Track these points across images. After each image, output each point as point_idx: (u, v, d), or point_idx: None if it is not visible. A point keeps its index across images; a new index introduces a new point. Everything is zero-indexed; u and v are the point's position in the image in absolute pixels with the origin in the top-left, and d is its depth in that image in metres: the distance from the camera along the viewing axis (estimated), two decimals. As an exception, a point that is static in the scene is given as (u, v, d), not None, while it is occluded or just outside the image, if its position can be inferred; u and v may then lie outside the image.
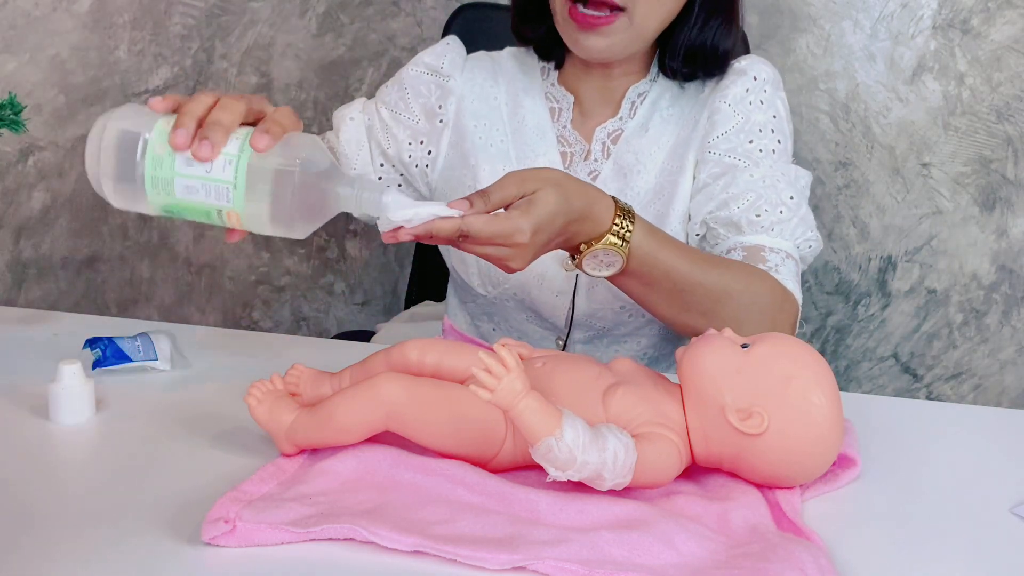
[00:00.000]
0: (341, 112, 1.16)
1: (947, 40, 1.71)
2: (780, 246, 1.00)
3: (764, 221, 1.00)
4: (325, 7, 1.90)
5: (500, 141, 1.10)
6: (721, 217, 1.02)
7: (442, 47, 1.14)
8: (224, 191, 0.71)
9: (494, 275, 1.08)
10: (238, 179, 0.71)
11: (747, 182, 1.02)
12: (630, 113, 1.09)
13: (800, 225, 1.02)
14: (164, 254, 2.08)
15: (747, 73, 1.06)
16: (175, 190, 0.72)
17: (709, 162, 1.04)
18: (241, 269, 2.07)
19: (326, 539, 0.61)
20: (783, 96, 1.08)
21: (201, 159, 0.70)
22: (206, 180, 0.71)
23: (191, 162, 0.71)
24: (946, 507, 0.71)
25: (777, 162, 1.04)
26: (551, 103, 1.12)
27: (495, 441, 0.69)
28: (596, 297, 1.07)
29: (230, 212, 0.72)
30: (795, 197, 1.02)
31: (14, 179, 2.01)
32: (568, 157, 1.09)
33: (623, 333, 1.11)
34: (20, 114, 0.77)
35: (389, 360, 0.75)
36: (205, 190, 0.71)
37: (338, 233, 2.02)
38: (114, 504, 0.66)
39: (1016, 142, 1.74)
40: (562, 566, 0.58)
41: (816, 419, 0.68)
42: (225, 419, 0.80)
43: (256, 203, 0.72)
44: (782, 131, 1.06)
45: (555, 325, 1.11)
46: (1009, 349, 1.84)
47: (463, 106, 1.12)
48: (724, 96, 1.06)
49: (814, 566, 0.58)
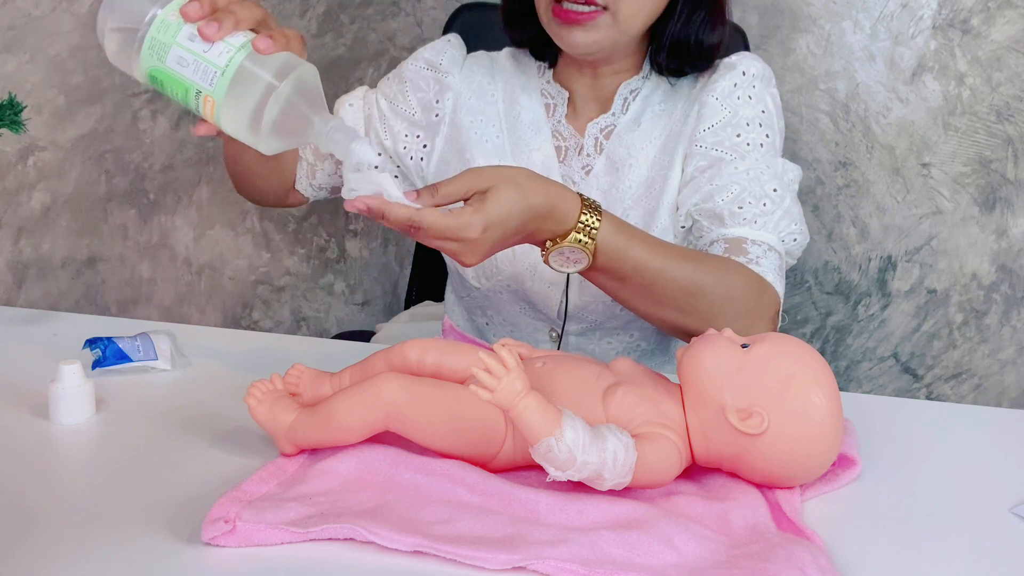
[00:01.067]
0: (342, 99, 1.17)
1: (947, 40, 1.71)
2: (762, 238, 1.00)
3: (747, 213, 1.00)
4: (325, 7, 1.90)
5: (496, 137, 1.12)
6: (705, 209, 1.02)
7: (443, 44, 1.16)
8: (211, 74, 0.73)
9: (488, 267, 1.09)
10: (228, 68, 0.72)
11: (731, 174, 1.02)
12: (623, 109, 1.11)
13: (784, 218, 1.01)
14: (164, 254, 2.08)
15: (736, 68, 1.07)
16: (167, 57, 0.74)
17: (696, 155, 1.05)
18: (241, 269, 2.07)
19: (326, 539, 0.61)
20: (774, 92, 1.08)
21: (205, 37, 0.73)
22: (199, 58, 0.73)
23: (194, 37, 0.73)
24: (946, 507, 0.71)
25: (764, 156, 1.04)
26: (546, 99, 1.13)
27: (495, 441, 0.69)
28: (587, 290, 1.07)
29: (208, 96, 0.74)
30: (779, 190, 1.02)
31: (14, 179, 2.01)
32: (563, 151, 1.11)
33: (615, 326, 1.11)
34: (20, 114, 0.77)
35: (389, 360, 0.75)
36: (195, 66, 0.73)
37: (338, 233, 2.02)
38: (114, 504, 0.66)
39: (1016, 142, 1.74)
40: (562, 566, 0.58)
41: (816, 419, 0.68)
42: (225, 419, 0.80)
43: (235, 97, 0.73)
44: (771, 126, 1.06)
45: (549, 317, 1.12)
46: (1009, 349, 1.84)
47: (460, 102, 1.13)
48: (713, 90, 1.06)
49: (814, 566, 0.58)
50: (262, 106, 0.72)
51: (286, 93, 0.73)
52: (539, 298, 1.10)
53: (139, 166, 2.04)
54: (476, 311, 1.18)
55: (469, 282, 1.13)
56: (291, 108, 0.73)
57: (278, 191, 1.18)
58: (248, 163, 1.09)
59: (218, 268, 2.08)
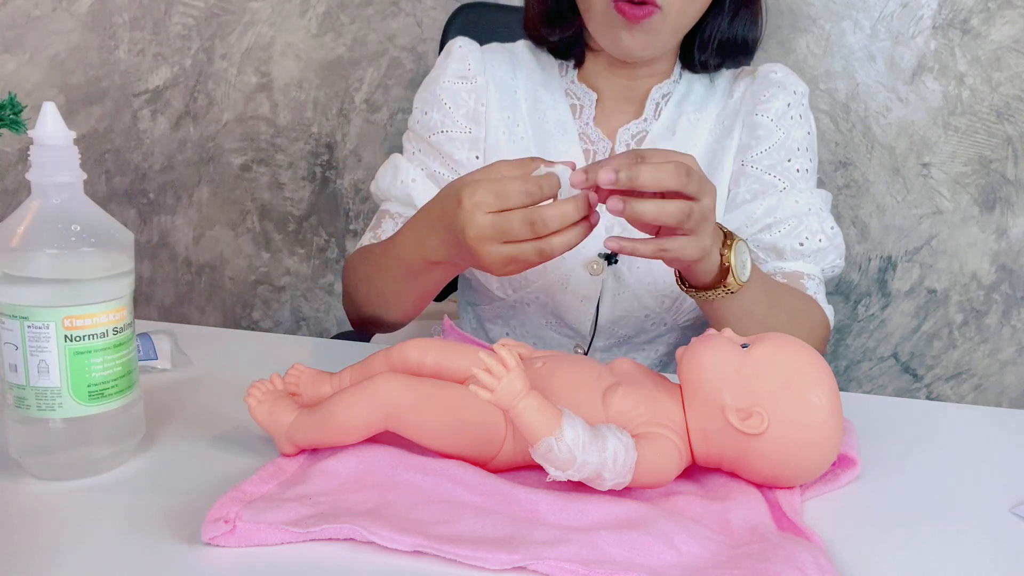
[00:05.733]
0: (393, 181, 1.09)
1: (947, 40, 1.71)
2: (815, 272, 1.05)
3: (806, 250, 1.04)
4: (325, 7, 1.90)
5: (521, 138, 1.09)
6: (764, 241, 1.04)
7: (458, 52, 1.11)
8: None
9: (516, 278, 1.06)
10: None
11: (790, 207, 1.04)
12: (655, 114, 1.09)
13: (832, 251, 1.05)
14: (164, 254, 2.08)
15: (786, 87, 1.08)
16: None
17: (749, 176, 1.05)
18: (241, 269, 2.07)
19: (326, 539, 0.61)
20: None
21: None
22: None
23: None
24: (946, 507, 0.71)
25: (810, 183, 1.07)
26: (572, 99, 1.10)
27: (495, 441, 0.69)
28: (621, 304, 1.06)
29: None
30: (835, 227, 1.06)
31: (14, 179, 2.01)
32: (591, 155, 1.08)
33: (643, 341, 1.10)
34: (20, 114, 0.76)
35: (389, 360, 0.74)
36: None
37: (338, 233, 2.02)
38: (114, 504, 0.65)
39: (1016, 142, 1.74)
40: (562, 566, 0.58)
41: (816, 419, 0.68)
42: (225, 419, 0.80)
43: None
44: (814, 149, 1.09)
45: (578, 331, 1.09)
46: (1009, 349, 1.84)
47: (490, 98, 1.10)
48: (767, 111, 1.06)
49: (814, 566, 0.58)
50: None
51: None
52: (570, 312, 1.07)
53: (139, 166, 2.04)
54: (496, 321, 1.14)
55: (492, 292, 1.09)
56: None
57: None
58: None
59: (218, 268, 2.08)
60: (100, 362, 0.67)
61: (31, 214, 0.66)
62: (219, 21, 1.93)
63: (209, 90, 1.97)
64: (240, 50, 1.94)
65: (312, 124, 1.96)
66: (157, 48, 1.94)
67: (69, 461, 0.68)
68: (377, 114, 1.94)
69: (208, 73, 1.96)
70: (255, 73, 1.95)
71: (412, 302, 0.98)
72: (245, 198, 2.02)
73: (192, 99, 1.98)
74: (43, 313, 0.65)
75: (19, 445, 0.69)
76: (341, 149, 1.97)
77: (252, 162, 2.00)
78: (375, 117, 1.94)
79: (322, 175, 1.98)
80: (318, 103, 1.95)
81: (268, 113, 1.97)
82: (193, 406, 0.83)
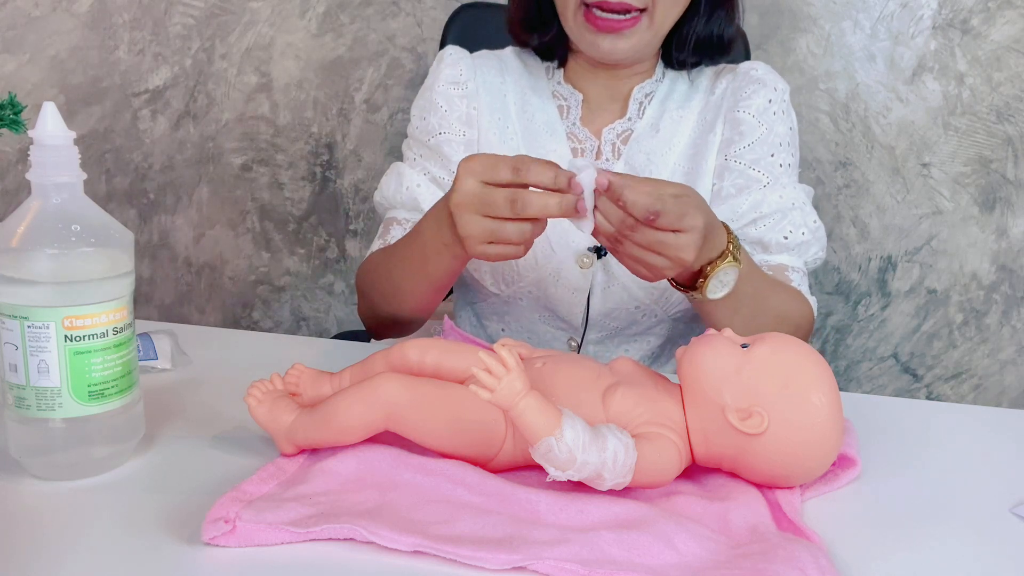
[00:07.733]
0: (398, 188, 1.11)
1: (947, 40, 1.71)
2: (798, 264, 1.08)
3: (790, 243, 1.06)
4: (325, 7, 1.90)
5: (511, 139, 1.12)
6: (750, 235, 1.07)
7: (450, 59, 1.14)
8: None
9: (508, 273, 1.09)
10: None
11: (774, 202, 1.06)
12: (639, 113, 1.11)
13: (815, 244, 1.08)
14: (164, 254, 2.08)
15: (767, 84, 1.10)
16: None
17: (733, 171, 1.08)
18: (241, 269, 2.07)
19: (326, 539, 0.61)
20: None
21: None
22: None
23: None
24: (946, 507, 0.71)
25: (792, 177, 1.10)
26: (559, 101, 1.13)
27: (495, 441, 0.69)
28: (611, 296, 1.08)
29: None
30: (817, 221, 1.08)
31: (14, 179, 2.01)
32: (579, 154, 1.11)
33: (634, 332, 1.11)
34: (20, 114, 0.76)
35: (389, 360, 0.75)
36: None
37: (338, 233, 2.02)
38: (114, 504, 0.65)
39: (1016, 142, 1.74)
40: (562, 566, 0.58)
41: (816, 419, 0.68)
42: (225, 419, 0.80)
43: None
44: (795, 144, 1.11)
45: (570, 324, 1.11)
46: (1009, 349, 1.84)
47: (481, 102, 1.13)
48: (748, 107, 1.09)
49: (814, 566, 0.58)
50: None
51: None
52: (562, 305, 1.09)
53: (139, 166, 2.04)
54: (491, 317, 1.17)
55: (487, 288, 1.12)
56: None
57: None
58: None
59: (218, 268, 2.08)
60: (100, 362, 0.67)
61: (31, 214, 0.66)
62: (219, 21, 1.93)
63: (209, 90, 1.97)
64: (240, 50, 1.95)
65: (312, 124, 1.96)
66: (157, 48, 1.94)
67: (69, 461, 0.68)
68: (377, 114, 1.94)
69: (208, 73, 1.96)
70: (255, 73, 1.95)
71: (426, 292, 0.99)
72: (245, 198, 2.02)
73: (192, 99, 1.98)
74: (43, 313, 0.65)
75: (19, 445, 0.69)
76: (341, 149, 1.97)
77: (252, 162, 2.00)
78: (375, 117, 1.94)
79: (322, 175, 1.99)
80: (318, 103, 1.95)
81: (268, 113, 1.97)
82: (193, 406, 0.83)
